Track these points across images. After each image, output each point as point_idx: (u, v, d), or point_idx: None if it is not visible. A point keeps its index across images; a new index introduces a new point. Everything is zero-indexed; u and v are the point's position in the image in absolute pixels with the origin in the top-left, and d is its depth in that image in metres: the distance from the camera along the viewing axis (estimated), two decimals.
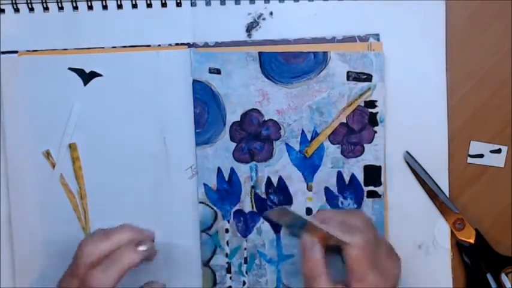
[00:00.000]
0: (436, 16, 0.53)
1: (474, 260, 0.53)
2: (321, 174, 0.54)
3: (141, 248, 0.46)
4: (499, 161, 0.55)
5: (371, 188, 0.54)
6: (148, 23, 0.53)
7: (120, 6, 0.53)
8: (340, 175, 0.54)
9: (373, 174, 0.54)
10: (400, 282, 0.48)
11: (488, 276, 0.53)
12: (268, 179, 0.54)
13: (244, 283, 0.54)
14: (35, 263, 0.54)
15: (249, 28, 0.53)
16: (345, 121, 0.53)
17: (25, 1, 0.53)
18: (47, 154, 0.53)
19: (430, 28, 0.53)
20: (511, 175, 0.55)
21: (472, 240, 0.53)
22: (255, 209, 0.54)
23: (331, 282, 0.44)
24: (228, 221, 0.54)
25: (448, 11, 0.53)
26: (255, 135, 0.54)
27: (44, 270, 0.54)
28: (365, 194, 0.54)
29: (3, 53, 0.53)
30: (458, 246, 0.54)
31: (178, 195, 0.54)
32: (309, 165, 0.54)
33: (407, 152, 0.54)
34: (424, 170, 0.53)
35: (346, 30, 0.53)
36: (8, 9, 0.53)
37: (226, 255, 0.54)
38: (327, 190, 0.54)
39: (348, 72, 0.53)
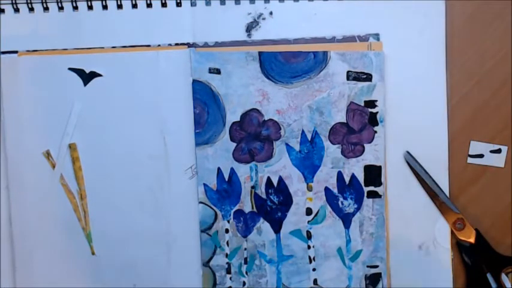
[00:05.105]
0: (435, 16, 0.53)
1: (474, 260, 0.53)
2: (321, 174, 0.54)
3: None
4: (499, 161, 0.55)
5: (371, 188, 0.54)
6: (148, 23, 0.53)
7: (120, 6, 0.53)
8: (340, 175, 0.54)
9: (374, 174, 0.54)
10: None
11: (488, 276, 0.53)
12: (268, 179, 0.54)
13: (244, 283, 0.54)
14: (35, 263, 0.54)
15: (249, 28, 0.53)
16: (345, 121, 0.53)
17: (25, 1, 0.53)
18: (47, 154, 0.53)
19: (429, 28, 0.53)
20: (511, 175, 0.55)
21: (472, 240, 0.53)
22: (255, 209, 0.54)
23: None
24: (228, 221, 0.54)
25: (448, 11, 0.53)
26: (255, 135, 0.54)
27: (44, 270, 0.54)
28: (365, 194, 0.54)
29: (3, 53, 0.53)
30: (458, 246, 0.54)
31: (178, 195, 0.54)
32: (309, 165, 0.54)
33: (408, 152, 0.54)
34: (424, 170, 0.53)
35: (346, 30, 0.53)
36: (8, 9, 0.53)
37: (226, 255, 0.54)
38: (327, 190, 0.54)
39: (348, 71, 0.53)
